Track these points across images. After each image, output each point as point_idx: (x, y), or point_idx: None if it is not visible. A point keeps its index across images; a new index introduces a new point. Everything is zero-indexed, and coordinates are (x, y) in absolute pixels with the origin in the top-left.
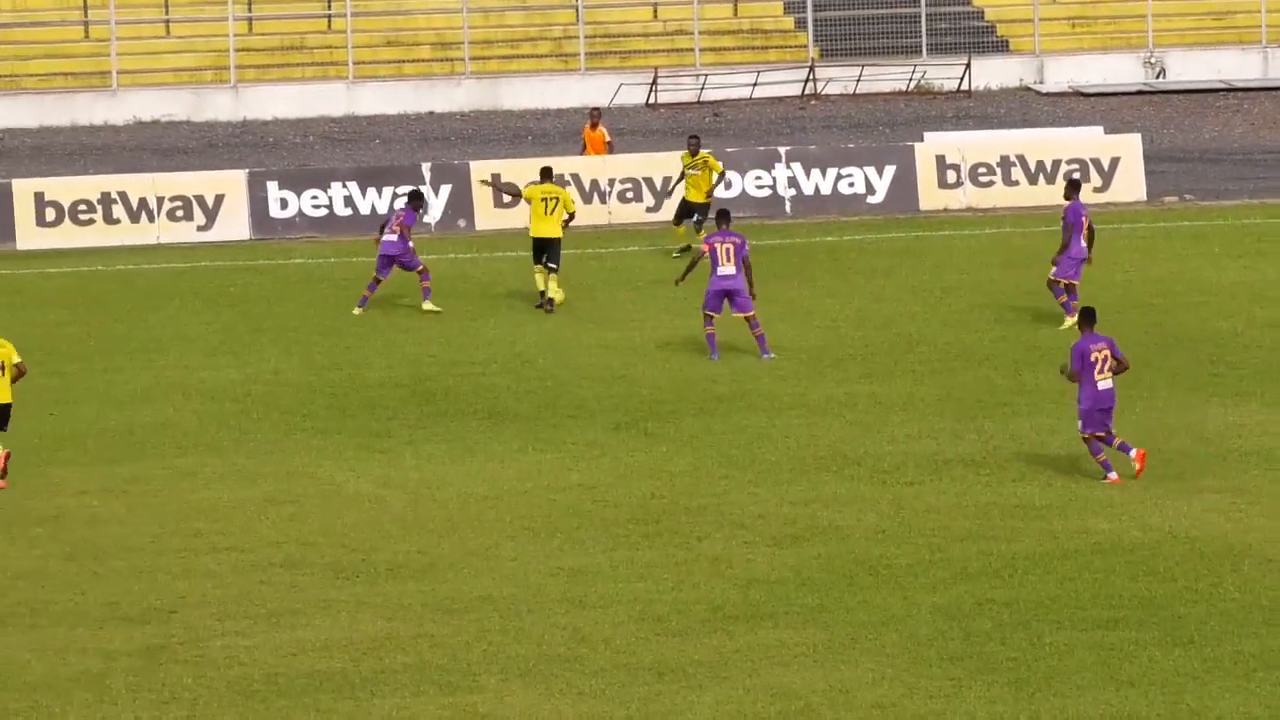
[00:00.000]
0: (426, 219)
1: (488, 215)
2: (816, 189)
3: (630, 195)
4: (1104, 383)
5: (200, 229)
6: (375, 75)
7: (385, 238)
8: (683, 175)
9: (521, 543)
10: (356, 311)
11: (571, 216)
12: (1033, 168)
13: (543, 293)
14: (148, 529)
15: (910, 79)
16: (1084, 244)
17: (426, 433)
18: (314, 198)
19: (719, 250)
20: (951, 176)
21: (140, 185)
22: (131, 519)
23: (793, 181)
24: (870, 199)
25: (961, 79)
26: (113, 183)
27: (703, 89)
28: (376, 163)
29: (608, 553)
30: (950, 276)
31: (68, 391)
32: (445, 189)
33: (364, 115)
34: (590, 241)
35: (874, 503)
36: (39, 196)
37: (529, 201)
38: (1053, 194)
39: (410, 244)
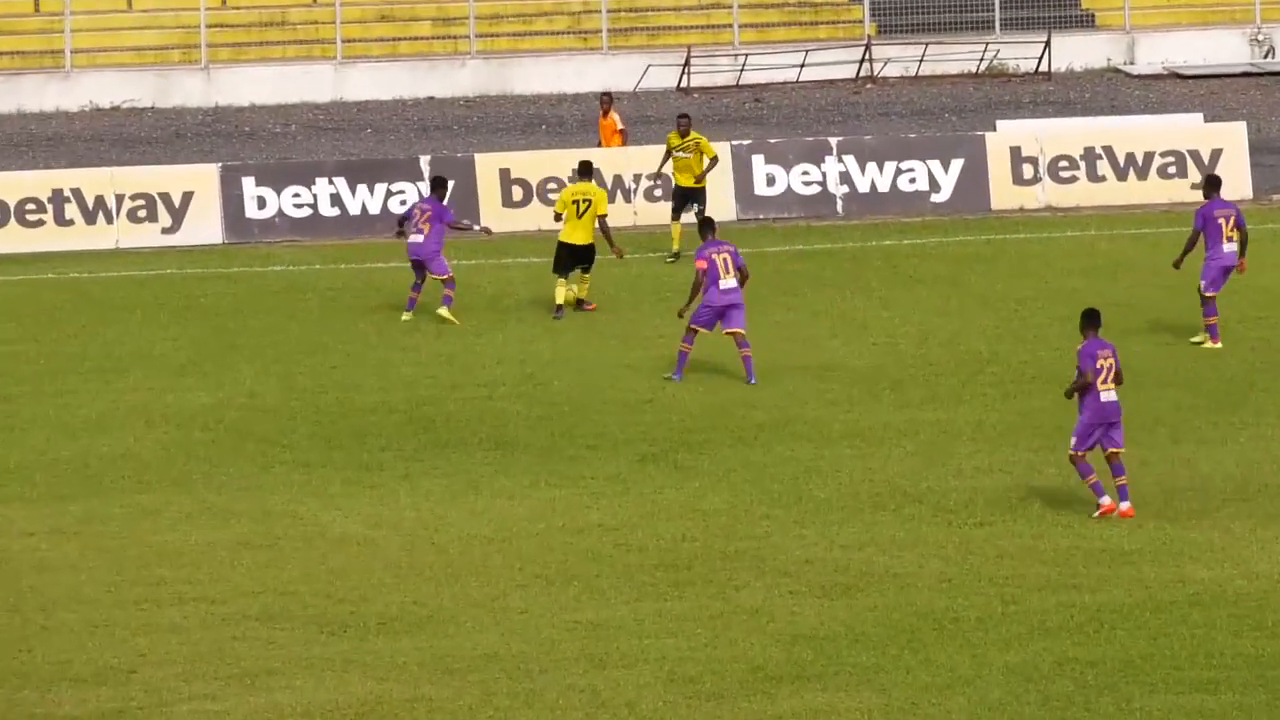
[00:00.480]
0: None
1: (495, 215)
2: (873, 185)
3: (659, 193)
4: (1107, 394)
5: (166, 231)
6: (367, 55)
7: (412, 238)
8: (668, 155)
9: (533, 592)
10: (406, 317)
11: (603, 220)
12: (1121, 161)
13: (559, 306)
14: (104, 577)
15: (981, 59)
16: (1225, 249)
17: (424, 466)
18: (296, 196)
19: (718, 262)
20: (1028, 171)
21: (97, 181)
22: (85, 565)
23: (845, 177)
24: (934, 197)
25: (1040, 59)
26: (65, 178)
27: (742, 70)
28: (368, 155)
29: (632, 604)
30: (1026, 286)
31: (13, 418)
32: (447, 186)
33: (354, 101)
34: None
35: (938, 547)
36: None
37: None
38: (1145, 191)
39: (441, 242)
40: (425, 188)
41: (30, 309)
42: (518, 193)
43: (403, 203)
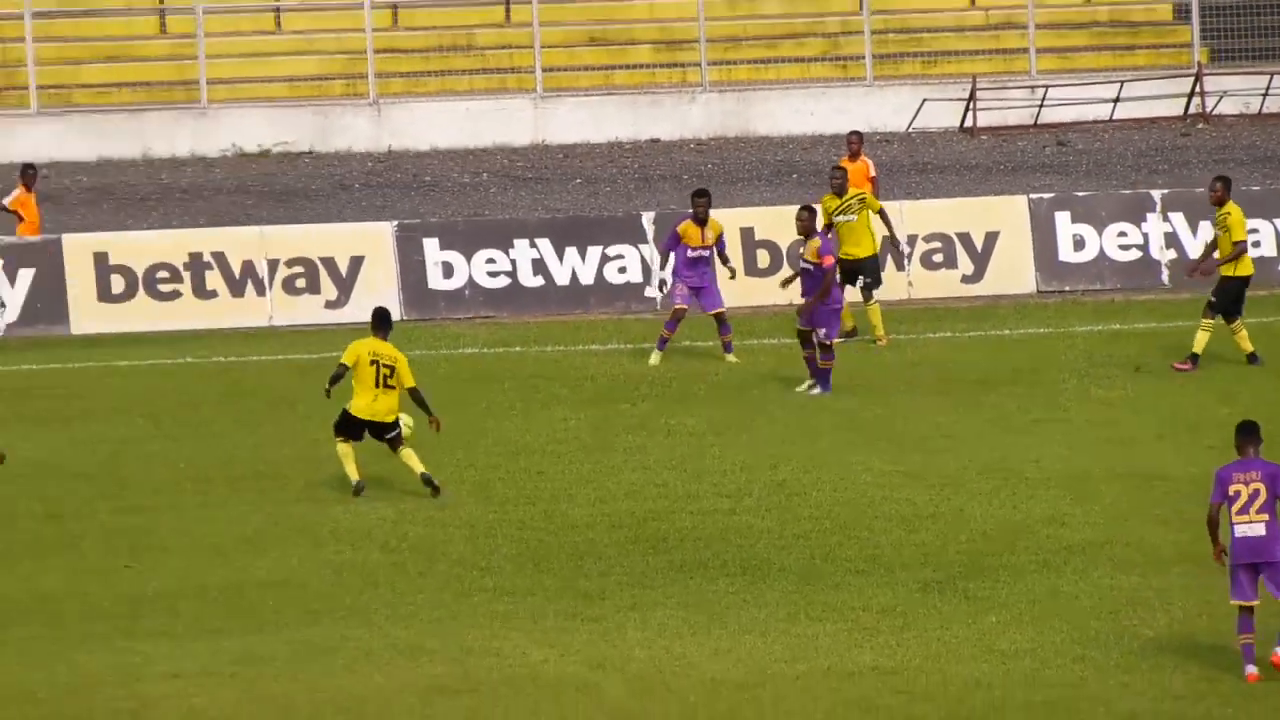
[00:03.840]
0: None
1: (738, 283)
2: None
3: (938, 258)
4: (1245, 527)
5: (330, 305)
6: (574, 87)
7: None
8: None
9: None
10: (653, 360)
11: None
12: None
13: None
14: None
15: None
16: None
17: (656, 594)
18: (490, 261)
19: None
20: None
21: (244, 243)
22: (244, 715)
23: (1172, 239)
24: None
25: None
26: (205, 239)
27: (1041, 106)
28: (579, 211)
29: None
30: None
31: (150, 535)
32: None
33: (558, 144)
34: (882, 323)
35: None
36: (100, 259)
37: None
38: None
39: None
40: (649, 251)
41: (166, 401)
42: (763, 258)
43: (621, 270)
